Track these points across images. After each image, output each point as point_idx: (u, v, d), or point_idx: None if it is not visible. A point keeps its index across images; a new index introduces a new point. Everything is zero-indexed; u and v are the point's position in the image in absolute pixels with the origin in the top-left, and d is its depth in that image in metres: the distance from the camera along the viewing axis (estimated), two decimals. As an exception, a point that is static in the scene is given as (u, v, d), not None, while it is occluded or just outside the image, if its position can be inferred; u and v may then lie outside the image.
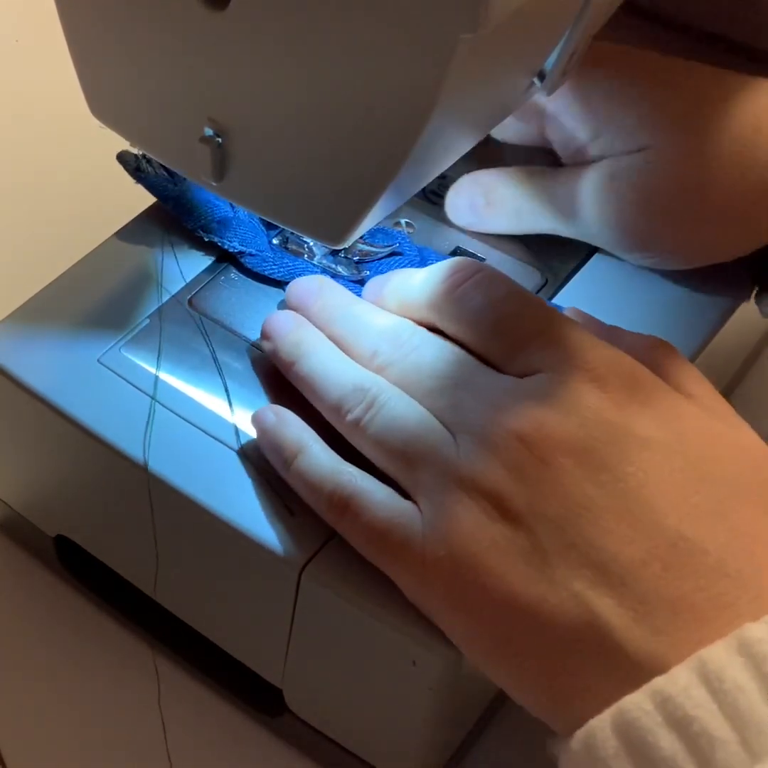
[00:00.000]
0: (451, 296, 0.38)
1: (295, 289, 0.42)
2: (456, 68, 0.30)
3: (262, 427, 0.38)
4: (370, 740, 0.42)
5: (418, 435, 0.35)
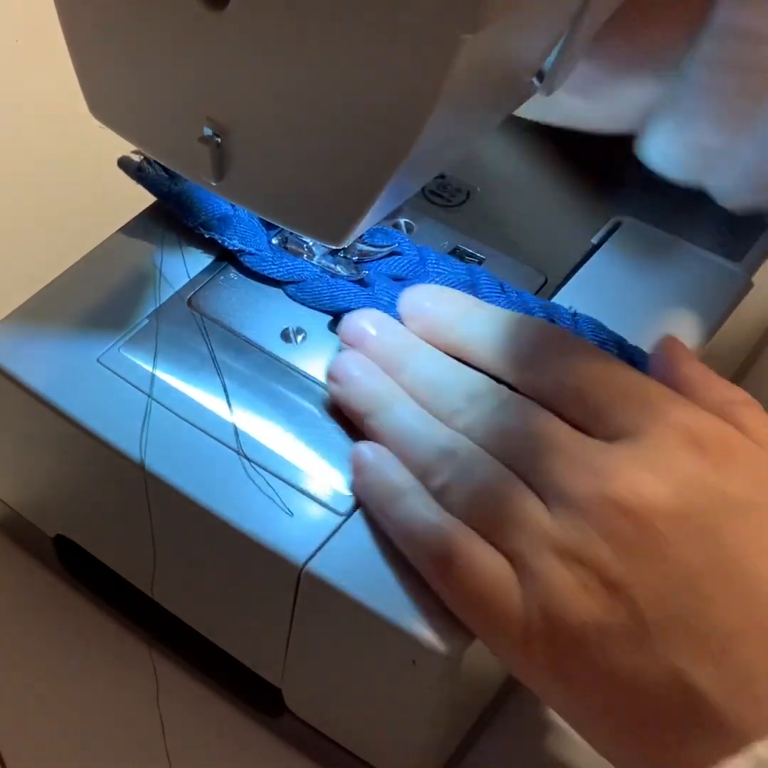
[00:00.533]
0: (532, 361, 0.37)
1: (348, 324, 0.41)
2: (456, 68, 0.30)
3: (361, 466, 0.37)
4: (370, 740, 0.42)
5: (509, 501, 0.34)
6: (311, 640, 0.39)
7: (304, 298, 0.44)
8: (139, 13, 0.34)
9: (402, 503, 0.36)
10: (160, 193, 0.45)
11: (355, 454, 0.38)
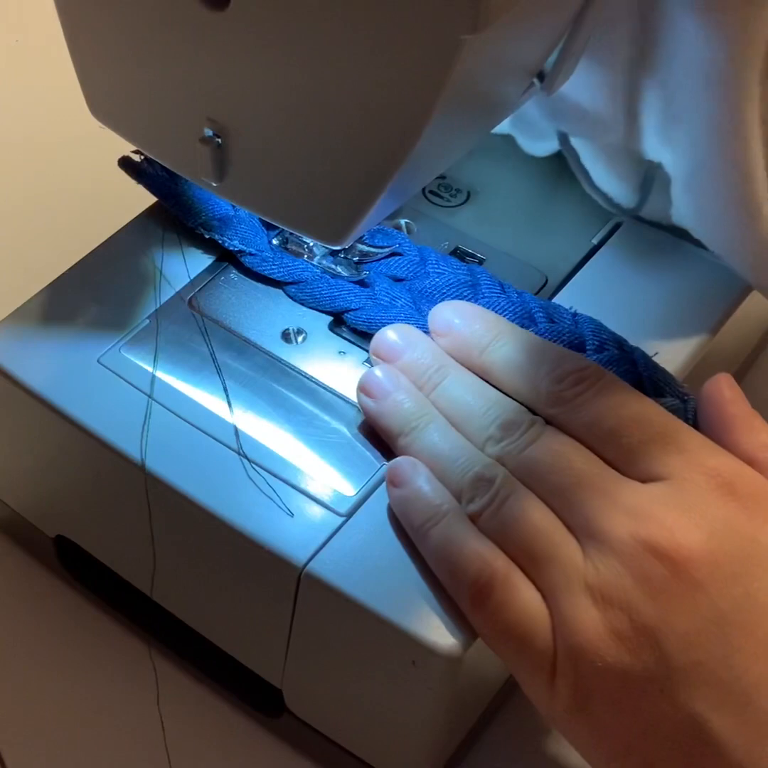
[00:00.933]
0: (570, 399, 0.37)
1: (380, 339, 0.41)
2: (456, 68, 0.30)
3: (403, 482, 0.37)
4: (370, 740, 0.42)
5: (542, 535, 0.34)
6: (311, 641, 0.39)
7: (304, 299, 0.44)
8: (139, 14, 0.34)
9: (441, 524, 0.35)
10: (160, 193, 0.45)
11: (393, 467, 0.37)
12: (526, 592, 0.34)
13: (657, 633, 0.32)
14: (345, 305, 0.43)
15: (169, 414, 0.40)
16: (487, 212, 0.49)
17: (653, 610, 0.32)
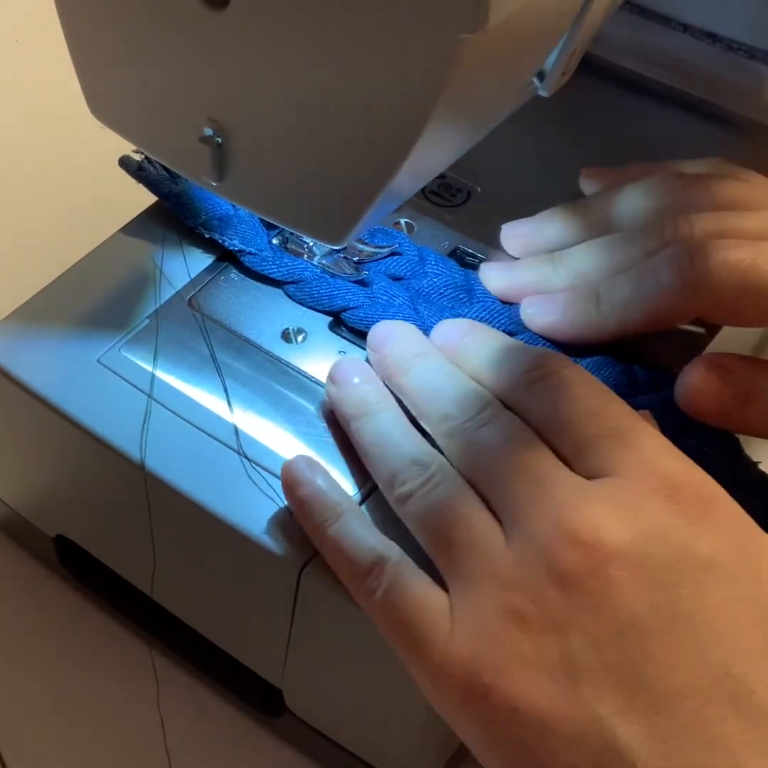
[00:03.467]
0: (532, 386, 0.36)
1: (376, 330, 0.41)
2: (456, 68, 0.30)
3: (296, 479, 0.37)
4: (370, 740, 0.42)
5: (466, 522, 0.34)
6: (311, 641, 0.39)
7: (303, 298, 0.44)
8: (139, 14, 0.34)
9: (338, 523, 0.35)
10: (160, 193, 0.45)
11: (289, 466, 0.37)
12: (420, 581, 0.34)
13: (565, 629, 0.30)
14: (343, 304, 0.43)
15: (169, 414, 0.40)
16: (487, 212, 0.49)
17: (565, 606, 0.31)
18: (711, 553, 0.31)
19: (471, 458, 0.35)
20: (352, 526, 0.35)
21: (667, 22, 0.53)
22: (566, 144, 0.50)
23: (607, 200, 0.45)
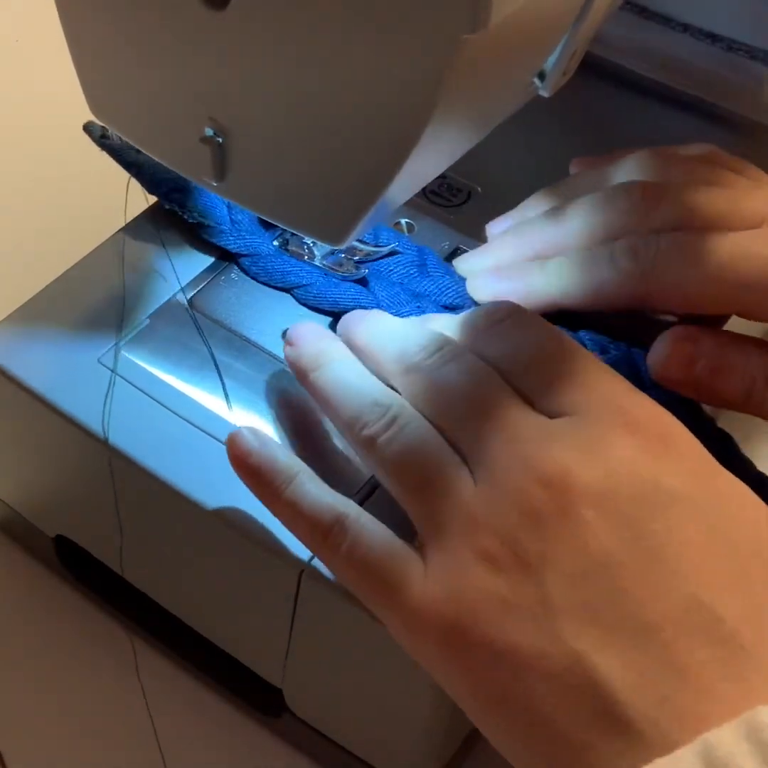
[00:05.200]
0: (489, 331, 0.36)
1: (348, 317, 0.41)
2: (456, 68, 0.30)
3: (244, 449, 0.36)
4: (370, 740, 0.42)
5: (433, 465, 0.34)
6: (312, 641, 0.39)
7: (258, 273, 0.44)
8: (139, 14, 0.34)
9: (294, 485, 0.35)
10: (123, 161, 0.45)
11: (235, 437, 0.36)
12: (383, 531, 0.34)
13: (539, 568, 0.31)
14: (296, 281, 0.44)
15: (169, 414, 0.40)
16: (487, 212, 0.49)
17: (538, 546, 0.31)
18: (678, 487, 0.31)
19: (434, 397, 0.35)
20: (308, 487, 0.35)
21: (667, 22, 0.53)
22: (566, 144, 0.50)
23: (586, 177, 0.45)
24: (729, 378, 0.38)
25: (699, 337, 0.39)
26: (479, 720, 0.32)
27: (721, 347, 0.38)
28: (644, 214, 0.41)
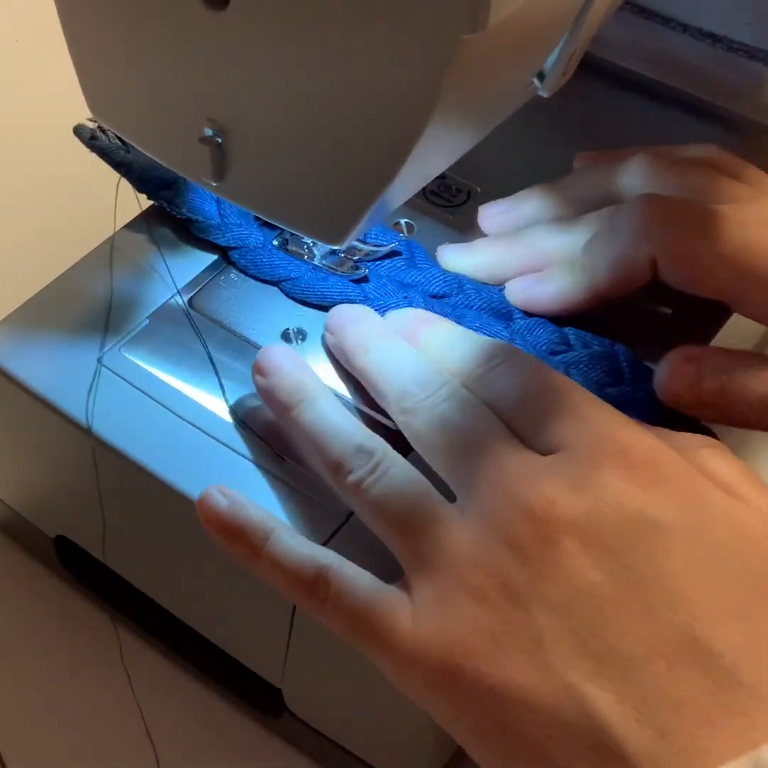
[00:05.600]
0: (488, 374, 0.37)
1: (335, 313, 0.41)
2: (456, 69, 0.30)
3: (215, 511, 0.35)
4: (370, 740, 0.42)
5: (417, 504, 0.34)
6: (311, 641, 0.39)
7: (246, 265, 0.44)
8: (139, 14, 0.34)
9: (272, 541, 0.35)
10: (112, 161, 0.45)
11: (203, 498, 0.36)
12: (366, 576, 0.34)
13: (527, 601, 0.31)
14: (285, 274, 0.44)
15: (169, 414, 0.40)
16: (486, 212, 0.49)
17: (525, 578, 0.31)
18: (664, 517, 0.31)
19: (432, 432, 0.35)
20: (285, 541, 0.35)
21: (667, 22, 0.53)
22: (566, 144, 0.50)
23: (586, 179, 0.45)
24: (736, 398, 0.38)
25: (704, 357, 0.38)
26: (473, 751, 0.32)
27: (729, 366, 0.38)
28: None
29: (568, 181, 0.46)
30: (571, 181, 0.46)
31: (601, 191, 0.44)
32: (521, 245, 0.44)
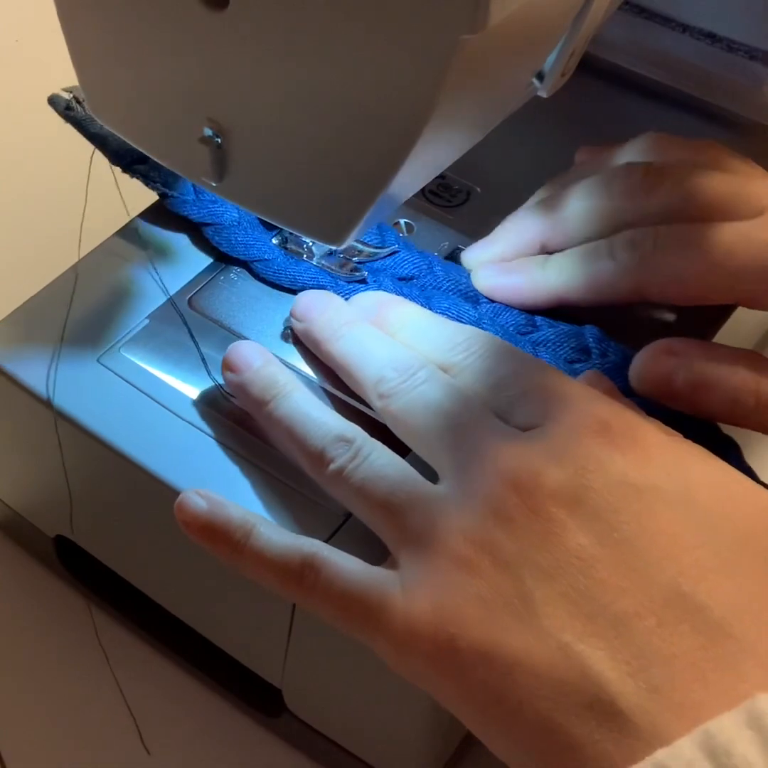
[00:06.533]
0: (457, 363, 0.37)
1: (303, 300, 0.42)
2: (455, 69, 0.30)
3: (193, 513, 0.35)
4: (369, 740, 0.42)
5: (402, 483, 0.34)
6: (311, 641, 0.39)
7: (220, 242, 0.45)
8: (139, 14, 0.34)
9: (255, 536, 0.35)
10: (87, 133, 0.45)
11: (180, 502, 0.36)
12: (352, 561, 0.34)
13: (517, 567, 0.31)
14: (258, 254, 0.44)
15: (169, 414, 0.40)
16: (487, 212, 0.49)
17: (513, 546, 0.32)
18: (647, 479, 0.32)
19: (412, 415, 0.36)
20: (268, 536, 0.35)
21: (667, 22, 0.53)
22: (566, 144, 0.50)
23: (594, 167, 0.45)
24: (711, 392, 0.38)
25: (681, 351, 0.39)
26: (474, 725, 0.32)
27: (705, 361, 0.38)
28: (644, 196, 0.42)
29: (572, 172, 0.46)
30: (574, 172, 0.46)
31: (576, 212, 0.44)
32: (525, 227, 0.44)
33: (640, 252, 0.41)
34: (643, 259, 0.41)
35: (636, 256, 0.41)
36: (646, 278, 0.41)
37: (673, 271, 0.41)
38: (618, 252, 0.41)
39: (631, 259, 0.41)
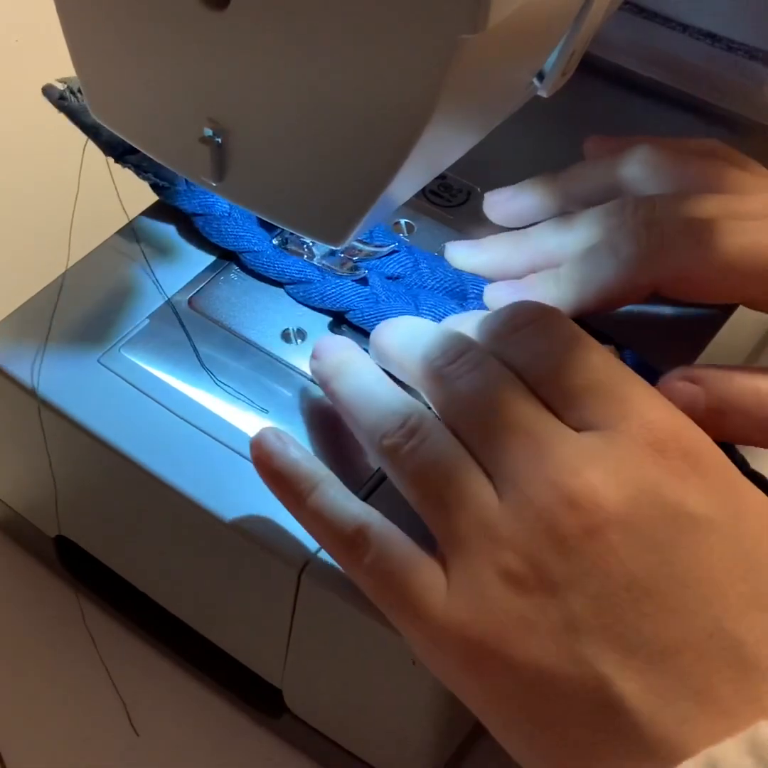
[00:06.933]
0: (513, 336, 0.36)
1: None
2: (456, 69, 0.30)
3: (266, 451, 0.35)
4: (370, 740, 0.42)
5: (455, 479, 0.33)
6: (311, 641, 0.39)
7: (210, 233, 0.45)
8: (139, 14, 0.34)
9: (318, 492, 0.34)
10: (81, 124, 0.45)
11: (259, 440, 0.35)
12: (407, 543, 0.33)
13: (565, 591, 0.31)
14: (248, 246, 0.44)
15: (170, 414, 0.40)
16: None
17: (563, 568, 0.31)
18: (702, 510, 0.31)
19: (457, 408, 0.35)
20: (331, 494, 0.34)
21: (667, 22, 0.53)
22: (566, 144, 0.50)
23: (590, 170, 0.45)
24: (734, 418, 0.37)
25: (703, 378, 0.38)
26: (497, 731, 0.32)
27: (726, 387, 0.38)
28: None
29: (573, 171, 0.46)
30: (575, 171, 0.46)
31: (605, 182, 0.44)
32: (529, 244, 0.44)
33: (644, 245, 0.40)
34: (647, 252, 0.40)
35: (640, 250, 0.40)
36: (652, 273, 0.40)
37: (681, 264, 0.40)
38: (620, 247, 0.40)
39: (635, 252, 0.40)
